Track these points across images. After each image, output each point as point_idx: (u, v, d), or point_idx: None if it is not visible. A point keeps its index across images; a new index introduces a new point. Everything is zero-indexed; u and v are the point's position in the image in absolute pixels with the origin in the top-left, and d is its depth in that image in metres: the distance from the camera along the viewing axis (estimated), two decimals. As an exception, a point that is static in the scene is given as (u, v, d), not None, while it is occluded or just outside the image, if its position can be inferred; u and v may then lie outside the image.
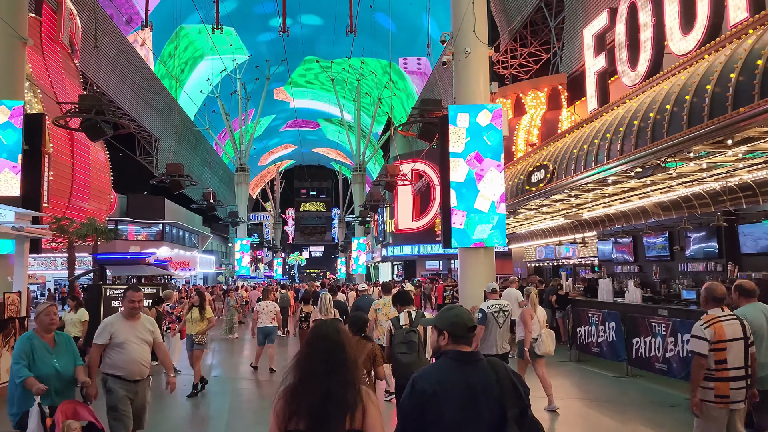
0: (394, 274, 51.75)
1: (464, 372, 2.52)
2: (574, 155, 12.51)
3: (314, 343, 2.49)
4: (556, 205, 15.91)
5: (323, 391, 2.35)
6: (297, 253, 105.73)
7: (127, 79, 38.03)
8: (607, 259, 16.28)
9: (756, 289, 4.95)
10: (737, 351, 4.39)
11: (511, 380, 2.53)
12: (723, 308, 4.52)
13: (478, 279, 14.37)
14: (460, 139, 13.55)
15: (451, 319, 2.67)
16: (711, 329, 4.40)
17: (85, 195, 21.36)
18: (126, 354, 5.11)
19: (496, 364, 2.60)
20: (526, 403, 2.53)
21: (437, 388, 2.46)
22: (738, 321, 4.47)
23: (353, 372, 2.43)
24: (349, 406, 2.35)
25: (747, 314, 4.67)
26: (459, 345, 2.62)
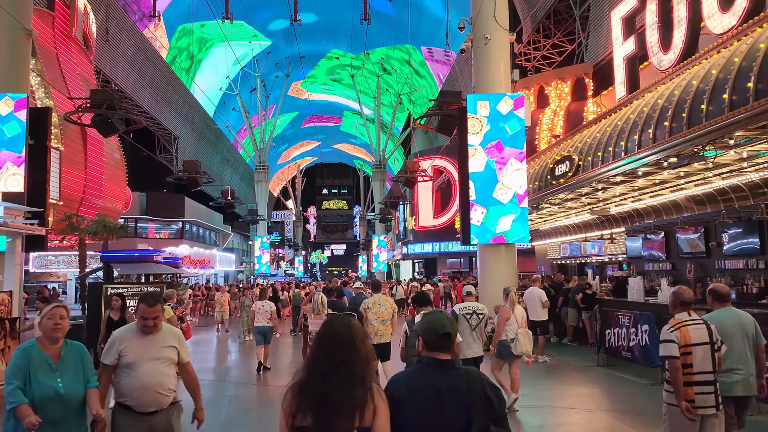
0: (415, 272, 51.17)
1: (435, 378, 2.52)
2: (601, 145, 11.71)
3: (323, 339, 2.46)
4: (582, 199, 15.09)
5: (329, 389, 2.33)
6: (319, 251, 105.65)
7: (146, 77, 37.90)
8: (636, 256, 15.39)
9: (729, 293, 4.90)
10: (703, 355, 4.33)
11: (484, 391, 2.49)
12: (690, 312, 4.48)
13: (499, 277, 13.67)
14: (480, 127, 12.86)
15: (425, 325, 2.65)
16: (677, 333, 4.36)
17: (98, 192, 21.07)
18: (136, 378, 3.90)
19: (472, 373, 2.58)
20: (499, 416, 2.47)
21: (405, 393, 2.47)
22: (704, 325, 4.41)
23: (363, 369, 2.39)
24: (358, 404, 2.32)
25: (717, 318, 4.66)
26: (433, 351, 2.59)
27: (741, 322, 4.75)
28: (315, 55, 47.85)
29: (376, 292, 8.76)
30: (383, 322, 8.22)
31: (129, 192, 24.38)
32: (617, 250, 17.82)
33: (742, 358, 4.66)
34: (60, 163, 18.22)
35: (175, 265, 18.32)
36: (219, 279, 52.54)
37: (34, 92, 17.65)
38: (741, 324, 4.74)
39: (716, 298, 4.90)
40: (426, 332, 2.62)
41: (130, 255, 14.24)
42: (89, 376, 3.78)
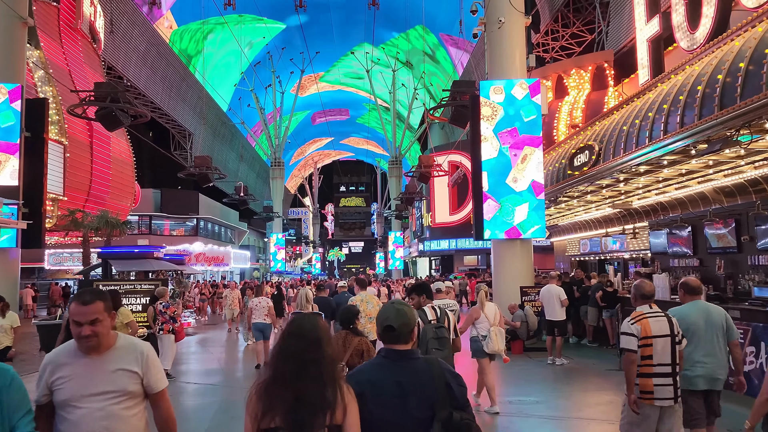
0: (431, 269, 50.49)
1: (395, 370, 2.51)
2: (623, 133, 10.91)
3: (288, 339, 2.40)
4: (603, 192, 14.27)
5: (297, 391, 2.28)
6: (337, 249, 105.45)
7: (159, 73, 37.59)
8: (660, 251, 14.51)
9: (701, 287, 4.94)
10: (663, 348, 4.35)
11: (446, 380, 2.50)
12: (651, 305, 4.52)
13: (514, 274, 12.98)
14: (493, 113, 12.12)
15: (380, 317, 2.64)
16: (638, 325, 4.39)
17: (105, 188, 20.69)
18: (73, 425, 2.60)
19: (431, 363, 2.58)
20: (461, 403, 2.49)
21: (366, 388, 2.45)
22: (665, 318, 4.42)
23: (331, 369, 2.36)
24: (328, 404, 2.28)
25: (685, 312, 4.71)
26: (391, 344, 2.57)
27: (709, 316, 4.73)
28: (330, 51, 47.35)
29: (363, 289, 8.57)
30: (370, 320, 8.14)
31: (138, 188, 24.00)
32: (640, 245, 16.95)
33: (708, 352, 4.64)
34: (64, 158, 17.83)
35: (179, 261, 17.84)
36: (235, 276, 52.29)
37: (36, 84, 17.28)
38: (709, 318, 4.72)
39: (687, 291, 4.92)
40: (379, 324, 2.62)
41: (129, 251, 13.76)
42: (16, 420, 2.48)
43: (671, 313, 4.62)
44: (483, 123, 12.53)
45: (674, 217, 13.93)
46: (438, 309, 5.46)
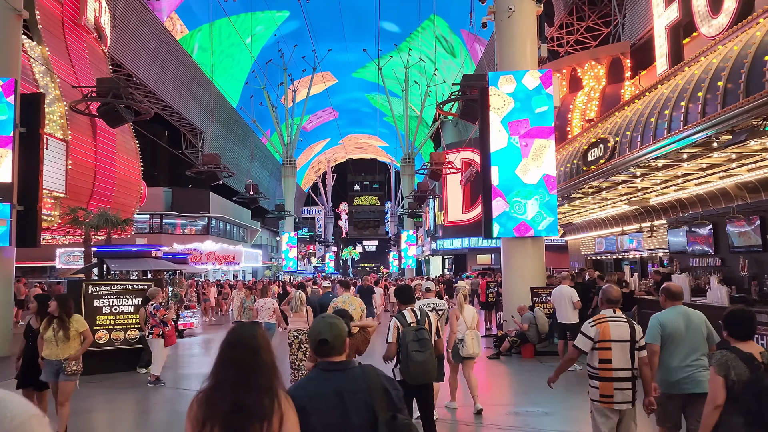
0: (444, 268, 49.87)
1: (334, 382, 2.56)
2: (640, 125, 10.30)
3: (228, 348, 2.40)
4: (619, 188, 13.65)
5: (235, 399, 2.29)
6: (351, 248, 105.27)
7: (169, 71, 37.37)
8: (679, 250, 13.83)
9: (681, 292, 5.01)
10: (622, 352, 4.43)
11: (383, 386, 2.56)
12: (615, 310, 4.62)
13: (524, 274, 12.41)
14: (503, 104, 11.55)
15: (312, 331, 2.68)
16: (597, 328, 4.49)
17: (110, 186, 20.39)
18: None
19: (368, 371, 2.63)
20: (399, 407, 2.55)
21: (306, 402, 2.46)
22: (627, 324, 4.51)
23: (270, 378, 2.37)
24: (265, 413, 2.28)
25: (665, 317, 4.74)
26: (326, 356, 2.62)
27: (690, 321, 4.72)
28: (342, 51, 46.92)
29: (345, 290, 8.53)
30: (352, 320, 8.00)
31: (145, 186, 23.69)
32: (657, 244, 16.28)
33: (687, 356, 4.64)
34: (66, 155, 17.53)
35: (182, 260, 17.46)
36: (247, 275, 52.04)
37: (38, 81, 16.99)
38: (690, 323, 4.71)
39: (669, 296, 4.92)
40: (310, 339, 2.69)
41: (126, 250, 13.36)
42: None
43: (653, 319, 4.75)
44: (492, 114, 11.98)
45: (694, 214, 13.26)
46: (418, 311, 5.38)
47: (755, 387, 3.44)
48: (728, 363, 3.54)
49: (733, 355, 3.57)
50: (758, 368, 3.52)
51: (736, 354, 3.57)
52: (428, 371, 4.97)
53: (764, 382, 3.45)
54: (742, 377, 3.50)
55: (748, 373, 3.49)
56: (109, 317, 9.70)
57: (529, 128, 11.52)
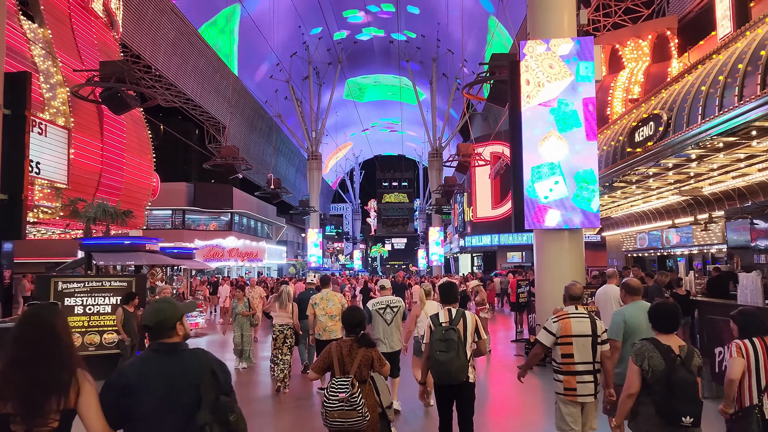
0: (473, 265, 48.29)
1: (164, 362, 2.63)
2: (701, 95, 8.71)
3: (23, 328, 2.48)
4: (669, 174, 12.01)
5: (30, 376, 2.34)
6: (379, 245, 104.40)
7: (190, 63, 36.50)
8: (741, 246, 12.10)
9: (641, 288, 5.18)
10: (583, 347, 4.55)
11: (211, 368, 2.66)
12: (578, 306, 4.75)
13: (560, 272, 10.83)
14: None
15: (144, 314, 2.82)
16: (559, 323, 4.63)
17: (118, 177, 19.41)
18: None
19: (199, 353, 2.76)
20: (225, 389, 2.65)
21: (137, 380, 2.55)
22: (588, 319, 4.64)
23: (67, 356, 2.46)
24: (60, 388, 2.37)
25: (627, 312, 4.89)
26: (157, 338, 2.72)
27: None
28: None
29: (325, 287, 8.40)
30: (332, 317, 7.93)
31: (158, 179, 22.71)
32: (711, 239, 14.55)
33: None
34: (69, 144, 16.55)
35: (186, 255, 16.30)
36: (272, 272, 51.21)
37: (36, 63, 16.02)
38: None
39: (629, 292, 5.09)
40: (142, 322, 2.83)
41: (117, 243, 12.22)
42: None
43: (616, 314, 4.91)
44: (525, 88, 10.48)
45: (761, 204, 11.51)
46: (455, 311, 5.16)
47: (666, 378, 3.54)
48: (645, 353, 3.64)
49: (651, 346, 3.66)
50: (674, 360, 3.60)
51: (654, 345, 3.66)
52: (451, 371, 4.81)
53: (677, 374, 3.54)
54: (657, 368, 3.59)
55: (663, 364, 3.58)
56: (83, 318, 8.53)
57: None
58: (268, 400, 8.45)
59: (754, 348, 3.90)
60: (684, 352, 3.63)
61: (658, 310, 3.88)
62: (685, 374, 3.54)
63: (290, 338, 8.77)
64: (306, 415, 7.48)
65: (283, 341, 8.67)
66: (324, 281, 8.67)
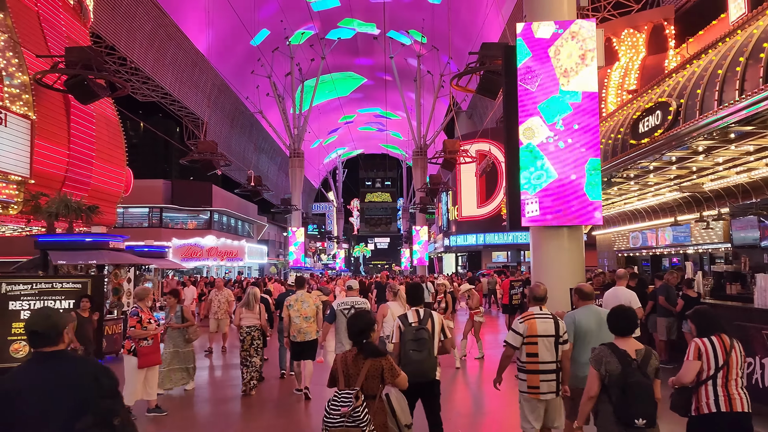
0: (458, 265, 47.66)
1: (46, 370, 2.64)
2: (716, 79, 7.98)
3: None
4: (672, 169, 11.33)
5: None
6: (362, 245, 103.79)
7: (167, 57, 35.34)
8: (747, 245, 11.43)
9: (593, 293, 5.28)
10: (547, 346, 4.69)
11: (95, 374, 2.65)
12: (541, 307, 4.90)
13: (559, 272, 10.06)
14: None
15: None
16: (525, 324, 4.78)
17: (86, 172, 18.30)
18: None
19: (82, 360, 2.86)
20: (109, 393, 2.63)
21: (15, 387, 2.56)
22: (552, 320, 4.79)
23: None
24: None
25: (578, 316, 5.02)
26: (40, 347, 2.71)
27: (600, 320, 4.88)
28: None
29: (300, 288, 8.38)
30: (306, 319, 7.98)
31: (130, 174, 21.61)
32: (711, 237, 13.91)
33: None
34: (32, 135, 15.48)
35: (158, 254, 15.30)
36: (253, 272, 50.15)
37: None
38: (599, 321, 4.87)
39: (581, 296, 5.17)
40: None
41: (77, 240, 11.24)
42: None
43: (567, 318, 5.01)
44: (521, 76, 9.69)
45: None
46: (422, 311, 5.31)
47: (622, 381, 3.70)
48: (602, 358, 3.81)
49: (608, 351, 3.82)
50: (629, 364, 3.75)
51: (612, 350, 3.82)
52: (425, 370, 4.97)
53: (631, 378, 3.70)
54: (614, 372, 3.75)
55: (619, 368, 3.73)
56: (30, 325, 7.59)
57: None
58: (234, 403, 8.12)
59: (713, 346, 3.98)
60: (640, 356, 3.78)
61: (613, 315, 4.01)
62: (640, 377, 3.68)
63: (258, 340, 8.51)
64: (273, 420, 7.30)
65: (250, 343, 8.39)
66: (299, 282, 8.50)
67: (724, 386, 3.92)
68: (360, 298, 7.48)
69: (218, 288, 13.32)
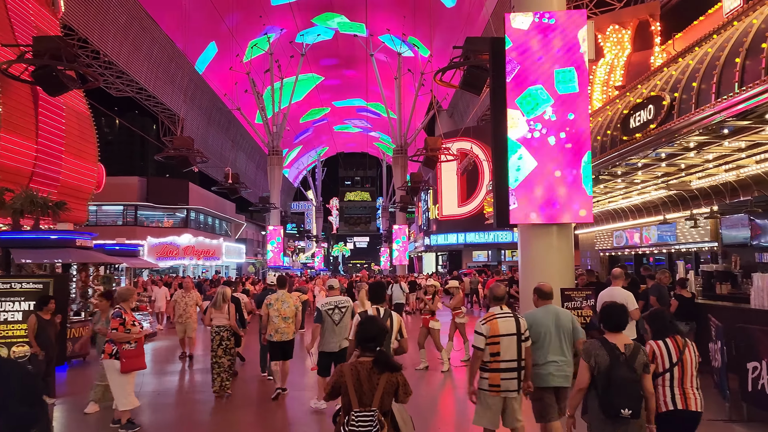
0: (438, 265, 47.40)
1: None
2: (714, 71, 7.68)
3: None
4: (662, 166, 11.06)
5: None
6: (341, 244, 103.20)
7: (142, 50, 34.46)
8: (738, 243, 11.23)
9: (551, 292, 5.25)
10: (509, 345, 4.76)
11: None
12: (502, 307, 4.94)
13: (547, 271, 9.75)
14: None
15: None
16: (487, 325, 4.81)
17: (56, 167, 17.58)
18: None
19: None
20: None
21: None
22: (513, 319, 4.85)
23: None
24: None
25: (536, 314, 5.11)
26: None
27: (558, 319, 5.01)
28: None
29: (282, 287, 8.30)
30: (285, 319, 7.96)
31: (102, 170, 20.85)
32: (695, 236, 13.72)
33: (557, 351, 4.97)
34: (-4, 127, 14.77)
35: (130, 253, 14.67)
36: (231, 271, 49.35)
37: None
38: (559, 321, 5.01)
39: (540, 296, 5.21)
40: None
41: (42, 237, 10.61)
42: None
43: (526, 317, 5.05)
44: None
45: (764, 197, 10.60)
46: (383, 310, 5.43)
47: (609, 374, 3.78)
48: (592, 351, 3.89)
49: (598, 344, 3.92)
50: (618, 357, 3.82)
51: (602, 343, 3.92)
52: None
53: (617, 371, 3.77)
54: (602, 365, 3.83)
55: (608, 361, 3.82)
56: (-15, 328, 7.00)
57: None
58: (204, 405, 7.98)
59: (667, 348, 4.08)
60: (629, 350, 3.86)
61: (604, 311, 4.13)
62: (626, 371, 3.77)
63: (227, 340, 8.28)
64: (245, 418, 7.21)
65: (218, 343, 8.21)
66: (281, 282, 8.38)
67: (681, 386, 4.03)
68: (343, 297, 7.35)
69: (186, 289, 12.10)
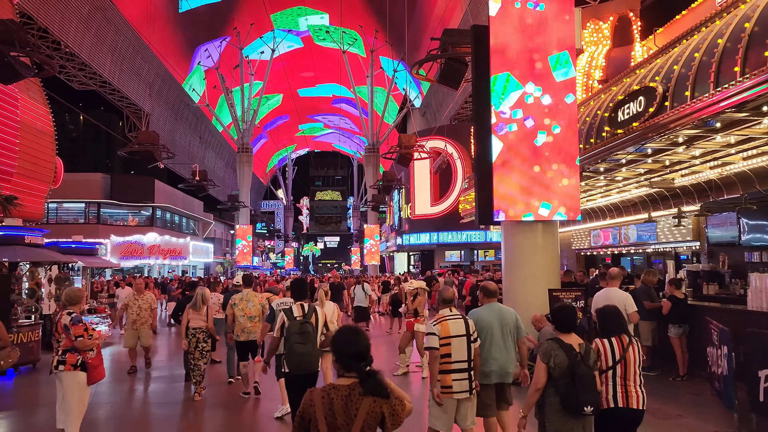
0: (410, 265, 46.96)
1: None
2: (712, 59, 7.26)
3: None
4: (648, 162, 10.68)
5: None
6: (311, 244, 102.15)
7: (106, 42, 33.19)
8: (725, 242, 10.92)
9: (497, 291, 5.48)
10: (459, 346, 4.80)
11: None
12: (451, 308, 5.04)
13: (532, 271, 9.30)
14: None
15: None
16: (439, 326, 4.85)
17: (10, 161, 16.54)
18: None
19: None
20: None
21: None
22: (462, 320, 4.92)
23: None
24: None
25: (480, 312, 5.23)
26: None
27: (501, 317, 5.17)
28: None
29: (247, 287, 8.32)
30: (251, 319, 7.96)
31: (60, 164, 19.79)
32: (676, 236, 13.44)
33: (500, 348, 5.11)
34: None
35: (88, 252, 13.80)
36: (198, 271, 48.19)
37: None
38: (501, 318, 5.16)
39: (486, 294, 5.35)
40: None
41: (-15, 235, 9.79)
42: None
43: (470, 315, 5.21)
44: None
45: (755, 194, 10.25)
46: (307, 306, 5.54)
47: (570, 373, 3.90)
48: (551, 352, 3.98)
49: (556, 345, 4.01)
50: (575, 357, 3.95)
51: (559, 344, 4.02)
52: (309, 362, 5.23)
53: (578, 368, 3.90)
54: (561, 365, 3.93)
55: (566, 360, 3.92)
56: None
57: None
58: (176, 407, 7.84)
59: (611, 346, 4.16)
60: (583, 349, 4.00)
61: (557, 313, 4.22)
62: (585, 368, 3.89)
63: (203, 342, 8.13)
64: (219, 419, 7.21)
65: (195, 346, 8.07)
66: (246, 281, 8.32)
67: (623, 384, 4.08)
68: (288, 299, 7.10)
69: (138, 291, 10.69)
